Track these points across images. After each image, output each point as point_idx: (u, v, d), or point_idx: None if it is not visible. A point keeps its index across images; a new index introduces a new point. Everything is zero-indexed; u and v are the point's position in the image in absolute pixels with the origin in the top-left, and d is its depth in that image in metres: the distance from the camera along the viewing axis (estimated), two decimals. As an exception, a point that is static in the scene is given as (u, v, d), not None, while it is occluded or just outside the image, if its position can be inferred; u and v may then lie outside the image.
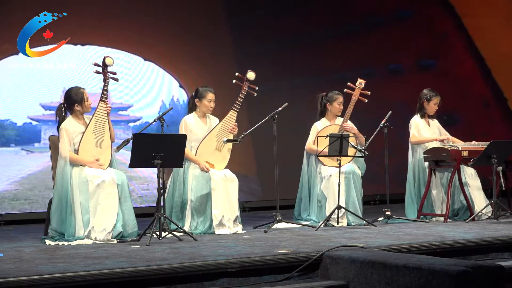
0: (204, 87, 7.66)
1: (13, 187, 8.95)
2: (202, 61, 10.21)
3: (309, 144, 8.06)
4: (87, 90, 6.95)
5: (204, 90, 7.58)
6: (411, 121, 8.39)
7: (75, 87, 6.98)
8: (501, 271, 5.01)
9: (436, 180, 8.22)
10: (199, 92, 7.57)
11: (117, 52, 9.62)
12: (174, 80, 10.15)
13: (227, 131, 7.50)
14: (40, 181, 9.04)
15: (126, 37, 9.76)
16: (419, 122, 8.34)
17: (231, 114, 7.53)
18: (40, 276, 4.80)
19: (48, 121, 9.13)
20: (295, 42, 10.83)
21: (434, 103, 8.35)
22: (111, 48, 9.55)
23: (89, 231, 6.61)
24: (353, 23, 11.34)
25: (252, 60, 10.21)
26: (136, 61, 9.94)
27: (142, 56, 9.91)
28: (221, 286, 5.22)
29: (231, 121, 7.52)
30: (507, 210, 8.20)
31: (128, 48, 9.77)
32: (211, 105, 7.56)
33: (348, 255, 5.42)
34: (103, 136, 6.88)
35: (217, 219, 7.22)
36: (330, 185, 7.81)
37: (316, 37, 10.98)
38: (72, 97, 6.88)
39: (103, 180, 6.66)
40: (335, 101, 8.07)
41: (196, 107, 7.59)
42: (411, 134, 8.33)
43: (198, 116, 7.59)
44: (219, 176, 7.32)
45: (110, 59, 6.98)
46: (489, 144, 7.94)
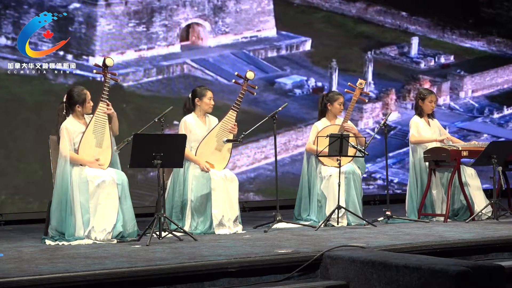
0: (201, 86, 7.67)
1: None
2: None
3: (309, 144, 8.06)
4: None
5: (203, 89, 7.58)
6: (410, 121, 8.39)
7: (78, 87, 6.98)
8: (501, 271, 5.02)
9: (436, 180, 8.22)
10: (198, 92, 7.57)
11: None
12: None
13: (227, 131, 7.50)
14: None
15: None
16: (419, 122, 8.34)
17: (230, 114, 7.53)
18: (40, 276, 4.81)
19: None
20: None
21: (429, 101, 8.33)
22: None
23: (89, 231, 6.61)
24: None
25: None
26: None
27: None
28: (221, 286, 5.22)
29: (231, 120, 7.52)
30: (507, 210, 8.20)
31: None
32: (211, 102, 7.56)
33: (348, 255, 5.43)
34: (103, 136, 6.88)
35: (217, 219, 7.22)
36: (330, 185, 7.81)
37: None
38: (74, 97, 6.88)
39: (103, 180, 6.66)
40: (336, 101, 8.07)
41: (196, 107, 7.58)
42: (411, 134, 8.33)
43: (197, 116, 7.59)
44: (219, 176, 7.32)
45: (111, 59, 6.99)
46: (489, 144, 7.95)
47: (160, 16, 9.71)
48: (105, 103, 6.90)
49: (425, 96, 8.34)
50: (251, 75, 7.60)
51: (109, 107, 6.92)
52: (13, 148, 8.73)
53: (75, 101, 6.87)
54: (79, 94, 6.88)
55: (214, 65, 10.08)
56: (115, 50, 9.35)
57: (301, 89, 10.72)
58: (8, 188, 8.72)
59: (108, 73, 6.99)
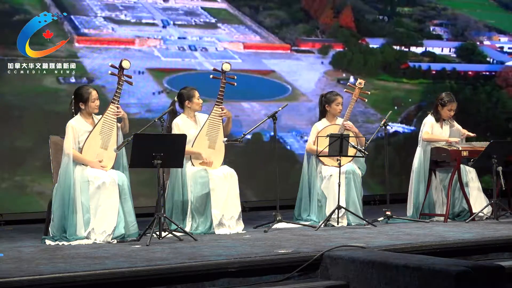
0: (186, 87, 7.57)
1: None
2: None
3: (309, 144, 8.06)
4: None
5: (189, 90, 7.52)
6: (425, 119, 8.27)
7: (85, 85, 6.99)
8: (501, 271, 5.02)
9: (437, 181, 8.20)
10: (186, 94, 7.50)
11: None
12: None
13: (216, 128, 7.44)
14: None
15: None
16: (434, 122, 8.22)
17: (215, 110, 7.46)
18: (40, 276, 4.81)
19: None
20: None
21: (448, 108, 8.18)
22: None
23: (89, 233, 6.60)
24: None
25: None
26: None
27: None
28: (221, 286, 5.22)
29: (217, 116, 7.46)
30: (507, 210, 8.20)
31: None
32: (200, 101, 7.51)
33: (348, 255, 5.43)
34: (110, 138, 6.86)
35: (217, 219, 7.22)
36: (331, 185, 7.80)
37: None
38: (79, 95, 6.88)
39: (104, 181, 6.65)
40: (333, 102, 8.06)
41: (185, 109, 7.53)
42: (424, 131, 8.15)
43: (187, 116, 7.54)
44: (217, 175, 7.30)
45: (127, 62, 6.92)
46: (489, 144, 7.94)
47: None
48: (115, 105, 6.87)
49: (446, 103, 8.21)
50: (227, 66, 7.51)
51: (119, 110, 6.89)
52: (13, 148, 8.73)
53: (79, 99, 6.88)
54: (84, 92, 6.88)
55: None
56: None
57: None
58: (8, 188, 8.72)
59: (123, 75, 6.95)
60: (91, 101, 6.86)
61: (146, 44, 9.43)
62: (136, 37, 9.40)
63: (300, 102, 10.20)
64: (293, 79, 10.20)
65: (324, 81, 10.37)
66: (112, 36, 9.34)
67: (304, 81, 10.27)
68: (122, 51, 9.27)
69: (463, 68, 11.53)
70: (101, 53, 9.21)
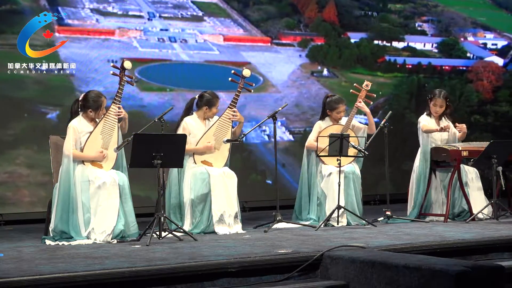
0: (211, 93, 7.53)
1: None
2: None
3: (310, 141, 8.03)
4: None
5: (213, 98, 7.49)
6: (419, 118, 8.26)
7: (97, 92, 6.95)
8: (501, 271, 5.02)
9: (437, 181, 8.20)
10: (208, 100, 7.47)
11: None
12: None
13: (224, 130, 7.46)
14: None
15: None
16: (428, 118, 8.19)
17: (227, 112, 7.48)
18: (40, 276, 4.81)
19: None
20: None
21: (433, 103, 8.25)
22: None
23: (89, 233, 6.61)
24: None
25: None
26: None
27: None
28: (221, 286, 5.22)
29: (228, 118, 7.47)
30: (507, 210, 8.20)
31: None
32: (217, 111, 7.52)
33: (348, 255, 5.43)
34: (111, 138, 6.86)
35: (217, 216, 7.21)
36: (330, 183, 7.79)
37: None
38: (89, 101, 6.85)
39: (104, 181, 6.66)
40: (335, 110, 8.01)
41: (200, 110, 7.51)
42: (422, 124, 8.16)
43: (198, 117, 7.55)
44: (218, 173, 7.31)
45: (129, 63, 6.93)
46: (489, 144, 7.94)
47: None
48: (117, 105, 6.87)
49: (431, 98, 8.21)
50: (247, 72, 7.54)
51: (120, 110, 6.89)
52: (13, 148, 8.73)
53: (89, 105, 6.85)
54: (95, 100, 6.85)
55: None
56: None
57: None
58: (8, 188, 8.72)
59: (125, 76, 6.96)
60: (101, 110, 6.86)
61: (126, 35, 9.40)
62: (117, 28, 9.37)
63: (268, 93, 10.22)
64: (267, 71, 10.23)
65: (298, 73, 10.43)
66: (95, 27, 9.31)
67: (278, 73, 10.31)
68: (101, 42, 9.24)
69: (440, 62, 11.55)
70: (80, 42, 9.16)
